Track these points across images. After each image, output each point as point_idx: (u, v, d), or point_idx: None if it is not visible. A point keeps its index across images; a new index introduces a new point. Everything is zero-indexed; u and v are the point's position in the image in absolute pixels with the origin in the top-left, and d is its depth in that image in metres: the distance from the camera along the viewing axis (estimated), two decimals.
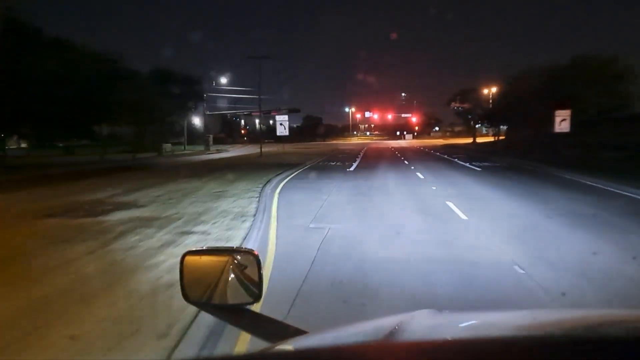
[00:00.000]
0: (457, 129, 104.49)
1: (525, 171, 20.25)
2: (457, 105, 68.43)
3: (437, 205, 10.70)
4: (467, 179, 17.13)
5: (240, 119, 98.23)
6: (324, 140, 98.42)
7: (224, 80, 58.74)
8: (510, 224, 8.47)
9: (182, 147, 59.44)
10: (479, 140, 60.51)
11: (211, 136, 55.92)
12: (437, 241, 7.18)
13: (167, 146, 55.34)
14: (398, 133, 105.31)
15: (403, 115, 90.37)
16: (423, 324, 1.13)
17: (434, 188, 14.13)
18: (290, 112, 57.70)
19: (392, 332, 0.98)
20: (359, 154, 38.69)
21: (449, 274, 5.47)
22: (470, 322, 1.23)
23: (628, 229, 8.10)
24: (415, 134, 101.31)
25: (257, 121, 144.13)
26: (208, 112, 58.77)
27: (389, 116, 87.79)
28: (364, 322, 1.26)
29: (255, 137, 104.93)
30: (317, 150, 49.49)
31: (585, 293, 4.77)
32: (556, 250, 6.52)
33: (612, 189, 13.22)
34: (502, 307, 4.45)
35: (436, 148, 50.30)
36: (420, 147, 55.44)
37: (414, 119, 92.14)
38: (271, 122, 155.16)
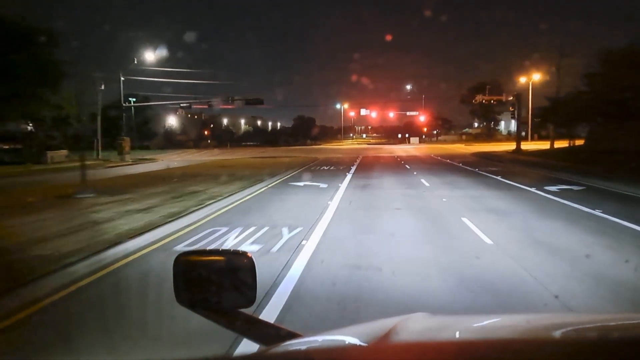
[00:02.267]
0: (474, 131, 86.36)
1: None
2: (487, 98, 49.82)
3: None
4: None
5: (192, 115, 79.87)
6: (315, 144, 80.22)
7: (150, 57, 39.64)
8: None
9: (95, 154, 41.04)
10: (526, 146, 41.72)
11: (127, 139, 37.30)
12: None
13: (58, 154, 36.70)
14: (400, 136, 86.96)
15: (408, 113, 71.77)
16: (417, 327, 1.14)
17: None
18: (248, 103, 39.25)
19: (387, 335, 0.98)
20: (345, 177, 20.12)
21: None
22: (464, 325, 1.23)
23: None
24: (424, 136, 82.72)
25: (241, 120, 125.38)
26: (127, 104, 40.06)
27: (391, 114, 69.24)
28: (358, 324, 1.27)
29: (221, 139, 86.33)
30: (275, 164, 29.73)
31: None
32: None
33: None
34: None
35: (470, 161, 31.33)
36: (444, 158, 35.31)
37: (422, 118, 73.46)
38: (259, 122, 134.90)
